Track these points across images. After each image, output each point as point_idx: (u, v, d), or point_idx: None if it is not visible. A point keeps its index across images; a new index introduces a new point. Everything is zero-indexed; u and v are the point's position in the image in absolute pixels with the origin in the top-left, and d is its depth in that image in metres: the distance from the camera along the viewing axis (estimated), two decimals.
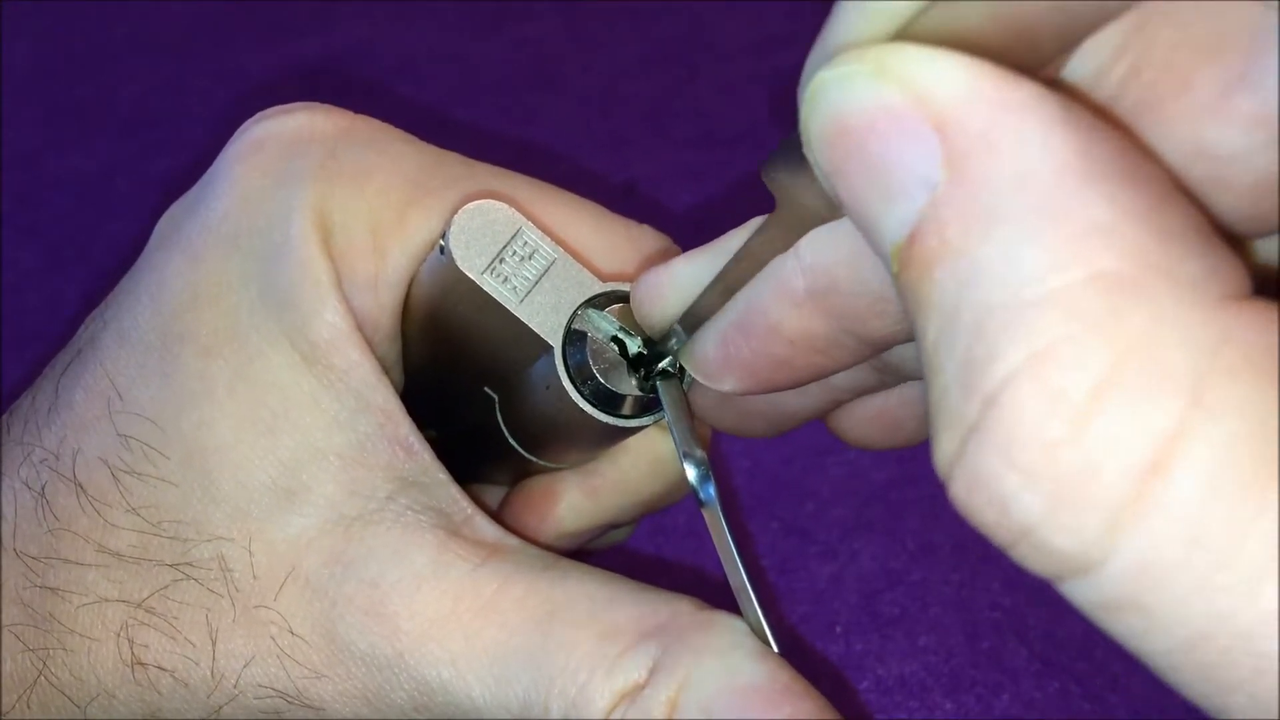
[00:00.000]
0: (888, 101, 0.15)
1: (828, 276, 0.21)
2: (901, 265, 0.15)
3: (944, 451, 0.14)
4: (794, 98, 0.16)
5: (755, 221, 0.22)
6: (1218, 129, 0.16)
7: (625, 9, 0.56)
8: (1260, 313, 0.13)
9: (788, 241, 0.21)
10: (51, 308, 0.47)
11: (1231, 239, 0.17)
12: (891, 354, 0.24)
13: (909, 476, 0.40)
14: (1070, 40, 0.15)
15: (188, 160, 0.51)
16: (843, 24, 0.16)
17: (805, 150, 0.16)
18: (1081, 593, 0.14)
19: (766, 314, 0.22)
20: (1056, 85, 0.17)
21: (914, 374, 0.25)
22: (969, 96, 0.14)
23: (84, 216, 0.51)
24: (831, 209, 0.16)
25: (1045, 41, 0.15)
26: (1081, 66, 0.17)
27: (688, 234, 0.30)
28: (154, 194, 0.51)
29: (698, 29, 0.56)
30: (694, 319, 0.24)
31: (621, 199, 0.28)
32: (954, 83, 0.14)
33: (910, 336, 0.22)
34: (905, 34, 0.15)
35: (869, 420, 0.28)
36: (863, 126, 0.15)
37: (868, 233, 0.16)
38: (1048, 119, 0.14)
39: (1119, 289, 0.13)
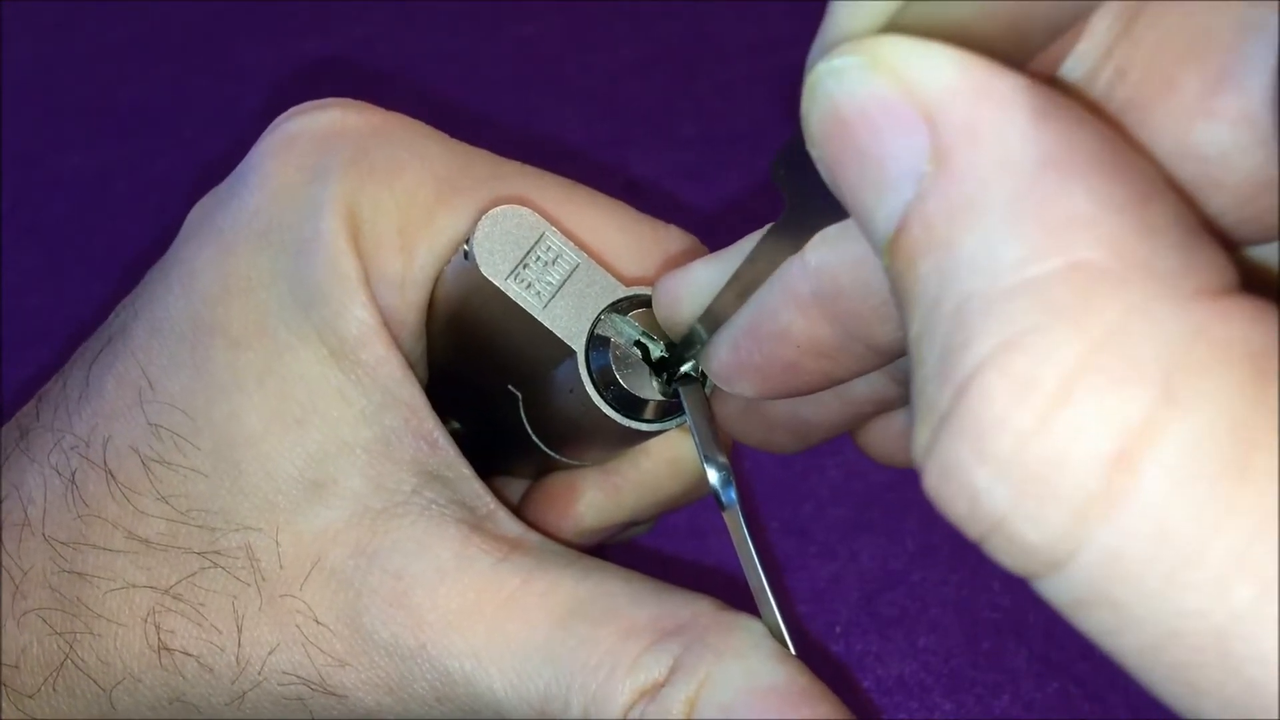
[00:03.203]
0: (880, 93, 0.14)
1: (833, 281, 0.21)
2: (890, 257, 0.15)
3: (918, 442, 0.14)
4: (797, 99, 0.16)
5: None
6: (1204, 128, 0.16)
7: (625, 9, 0.56)
8: (1240, 308, 0.13)
9: (798, 243, 0.21)
10: (51, 308, 0.47)
11: (1225, 242, 0.17)
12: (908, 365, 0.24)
13: (909, 476, 0.40)
14: (1057, 29, 0.15)
15: (188, 160, 0.51)
16: (840, 16, 0.16)
17: (807, 144, 0.16)
18: (1054, 589, 0.13)
19: (775, 318, 0.22)
20: (1052, 81, 0.17)
21: None
22: (956, 88, 0.14)
23: (84, 216, 0.51)
24: (837, 207, 0.16)
25: (1034, 31, 0.15)
26: (1073, 69, 0.17)
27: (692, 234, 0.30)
28: (154, 194, 0.51)
29: (698, 29, 0.56)
30: (712, 322, 0.24)
31: (625, 196, 0.28)
32: (943, 74, 0.14)
33: None
34: (899, 25, 0.15)
35: (895, 437, 0.28)
36: (857, 118, 0.15)
37: (862, 225, 0.16)
38: (1032, 110, 0.14)
39: (1094, 280, 0.13)
